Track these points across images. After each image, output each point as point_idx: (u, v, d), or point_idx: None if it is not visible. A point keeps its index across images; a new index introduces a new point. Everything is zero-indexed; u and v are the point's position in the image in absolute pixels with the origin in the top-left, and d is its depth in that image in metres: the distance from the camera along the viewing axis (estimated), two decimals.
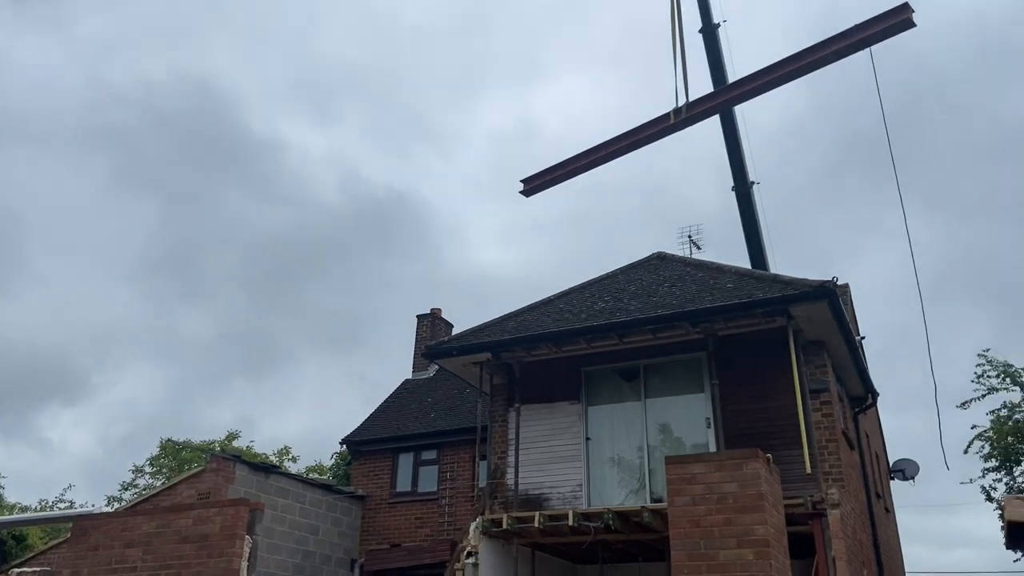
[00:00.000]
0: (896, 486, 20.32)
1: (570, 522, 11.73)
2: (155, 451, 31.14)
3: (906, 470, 19.25)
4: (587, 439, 13.26)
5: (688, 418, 12.76)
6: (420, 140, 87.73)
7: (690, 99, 17.71)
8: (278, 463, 32.60)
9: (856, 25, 14.67)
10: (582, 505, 12.63)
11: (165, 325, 64.69)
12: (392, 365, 67.26)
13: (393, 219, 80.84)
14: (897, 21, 14.12)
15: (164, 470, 30.12)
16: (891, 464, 19.58)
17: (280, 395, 60.34)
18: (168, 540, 8.77)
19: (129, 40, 78.23)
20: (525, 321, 13.76)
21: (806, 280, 11.61)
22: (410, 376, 21.33)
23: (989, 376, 15.70)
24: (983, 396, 15.76)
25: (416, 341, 21.68)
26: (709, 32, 19.42)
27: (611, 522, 11.58)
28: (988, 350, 16.17)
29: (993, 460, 15.68)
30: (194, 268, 71.39)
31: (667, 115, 17.34)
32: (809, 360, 12.10)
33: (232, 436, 32.53)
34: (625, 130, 18.02)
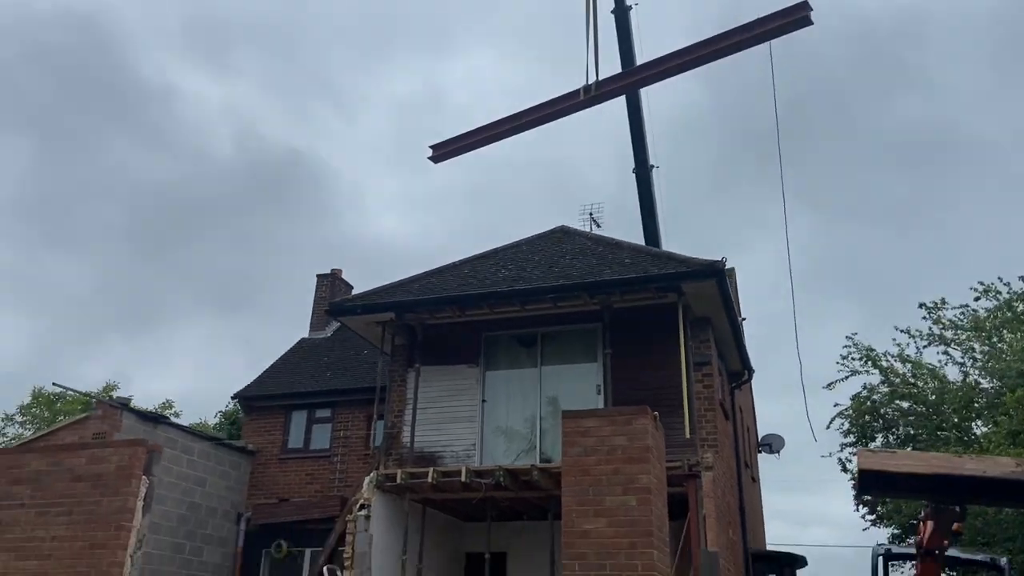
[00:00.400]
0: (763, 460, 21.87)
1: (463, 478, 12.18)
2: (26, 400, 29.75)
3: (773, 444, 20.74)
4: (483, 401, 13.71)
5: (580, 385, 13.38)
6: (322, 100, 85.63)
7: (600, 78, 18.45)
8: None
9: (757, 19, 15.46)
10: (474, 463, 13.10)
11: (33, 273, 61.00)
12: (283, 327, 65.76)
13: (290, 179, 78.79)
14: (796, 18, 15.01)
15: (36, 420, 28.77)
16: (760, 438, 21.04)
17: (160, 352, 58.24)
18: (60, 478, 8.66)
19: None
20: (429, 284, 14.04)
21: (697, 259, 12.39)
22: (307, 335, 21.21)
23: (853, 358, 17.12)
24: (847, 377, 17.21)
25: (315, 300, 21.55)
26: (621, 13, 20.00)
27: (502, 479, 12.10)
28: (855, 334, 17.61)
29: (851, 436, 17.17)
30: (69, 215, 67.46)
31: (577, 92, 17.86)
32: (695, 335, 12.92)
33: (110, 388, 31.33)
34: (536, 103, 18.63)
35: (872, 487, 5.95)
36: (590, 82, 17.77)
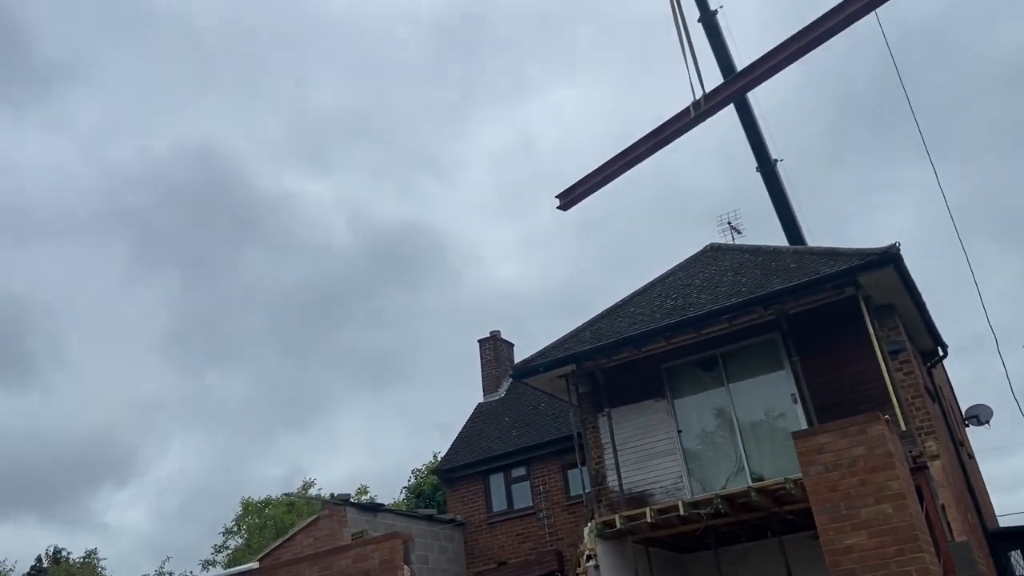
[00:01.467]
0: (972, 433, 20.68)
1: (681, 512, 12.30)
2: (237, 512, 32.11)
3: (980, 415, 19.60)
4: (679, 432, 13.85)
5: (773, 396, 13.32)
6: (422, 172, 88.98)
7: (706, 90, 18.46)
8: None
9: None
10: (685, 495, 13.19)
11: (200, 392, 65.98)
12: (438, 392, 67.88)
13: (409, 252, 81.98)
14: None
15: (251, 529, 30.99)
16: (964, 411, 19.95)
17: (327, 441, 61.30)
18: None
19: (127, 123, 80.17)
20: (600, 329, 14.41)
21: (868, 249, 12.17)
22: (482, 399, 21.99)
23: None
24: None
25: (482, 364, 22.38)
26: (708, 20, 19.99)
27: (720, 507, 12.16)
28: None
29: None
30: (219, 331, 72.68)
31: (687, 109, 17.91)
32: (882, 323, 12.62)
33: (307, 485, 33.44)
34: (648, 132, 18.85)
35: None
36: (697, 97, 17.94)
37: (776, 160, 20.49)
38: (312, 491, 33.50)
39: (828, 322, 12.87)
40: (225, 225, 78.24)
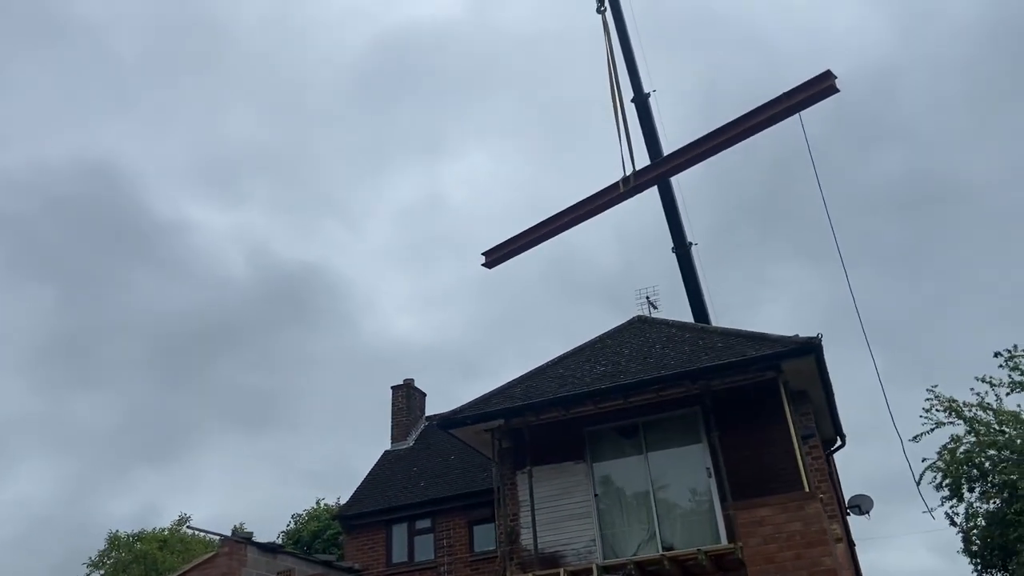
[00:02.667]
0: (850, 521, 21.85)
1: (594, 575, 12.52)
2: (100, 547, 30.11)
3: (862, 504, 20.78)
4: (595, 495, 14.11)
5: (688, 468, 13.82)
6: (329, 216, 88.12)
7: (636, 168, 19.35)
8: None
9: (784, 93, 16.10)
10: (597, 559, 13.40)
11: (62, 416, 61.90)
12: (321, 438, 65.85)
13: (306, 294, 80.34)
14: (822, 87, 15.66)
15: (117, 565, 28.97)
16: (848, 500, 21.10)
17: (190, 478, 58.36)
18: None
19: (22, 129, 76.24)
20: (530, 387, 14.65)
21: (793, 337, 13.00)
22: (389, 447, 21.68)
23: (936, 410, 17.47)
24: (932, 430, 17.51)
25: (393, 412, 22.13)
26: (641, 101, 21.11)
27: (632, 572, 12.44)
28: (936, 386, 17.99)
29: (946, 489, 17.35)
30: (94, 354, 68.59)
31: (616, 184, 18.80)
32: (796, 409, 13.38)
33: (183, 520, 31.70)
34: (577, 201, 19.54)
35: None
36: (627, 174, 18.81)
37: (691, 243, 21.56)
38: (185, 527, 31.76)
39: (747, 402, 13.53)
40: (113, 244, 74.69)
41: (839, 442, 16.29)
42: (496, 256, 19.67)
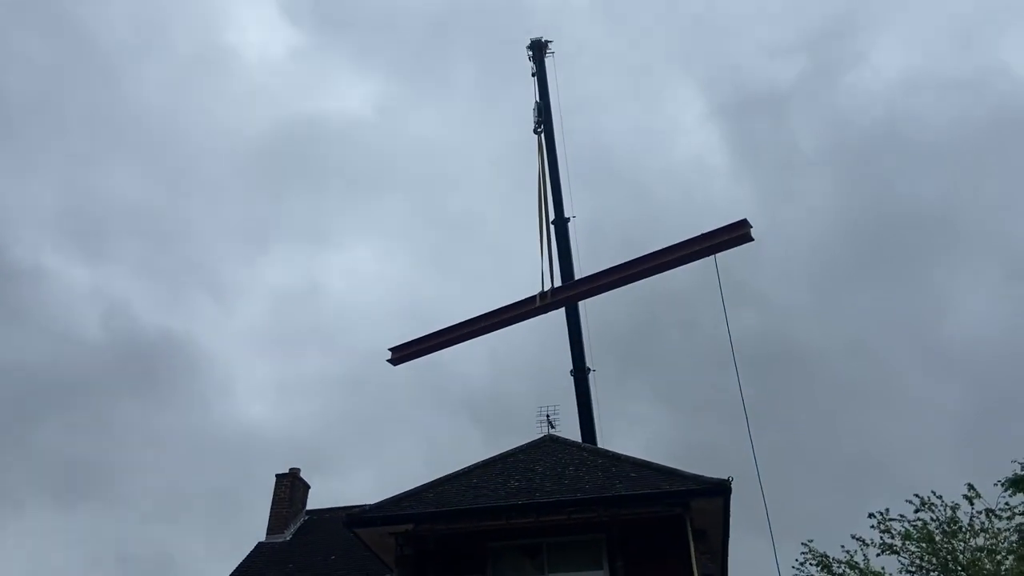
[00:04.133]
0: None
1: None
2: None
3: None
4: None
5: None
6: (200, 288, 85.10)
7: (555, 286, 20.14)
8: None
9: (701, 235, 17.05)
10: None
11: None
12: (146, 518, 60.68)
13: (160, 365, 75.59)
14: (737, 235, 16.60)
15: None
16: None
17: None
18: None
19: None
20: (442, 493, 14.51)
21: (705, 477, 13.60)
22: (263, 539, 20.53)
23: (810, 563, 18.38)
24: None
25: (274, 501, 21.11)
26: (560, 224, 22.21)
27: None
28: (812, 540, 18.96)
29: None
30: None
31: (533, 298, 19.36)
32: (697, 547, 13.85)
33: None
34: (492, 309, 20.03)
35: None
36: (545, 289, 19.54)
37: (590, 369, 22.32)
38: None
39: (650, 536, 13.87)
40: None
41: None
42: (403, 354, 19.63)
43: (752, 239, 16.78)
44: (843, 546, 18.33)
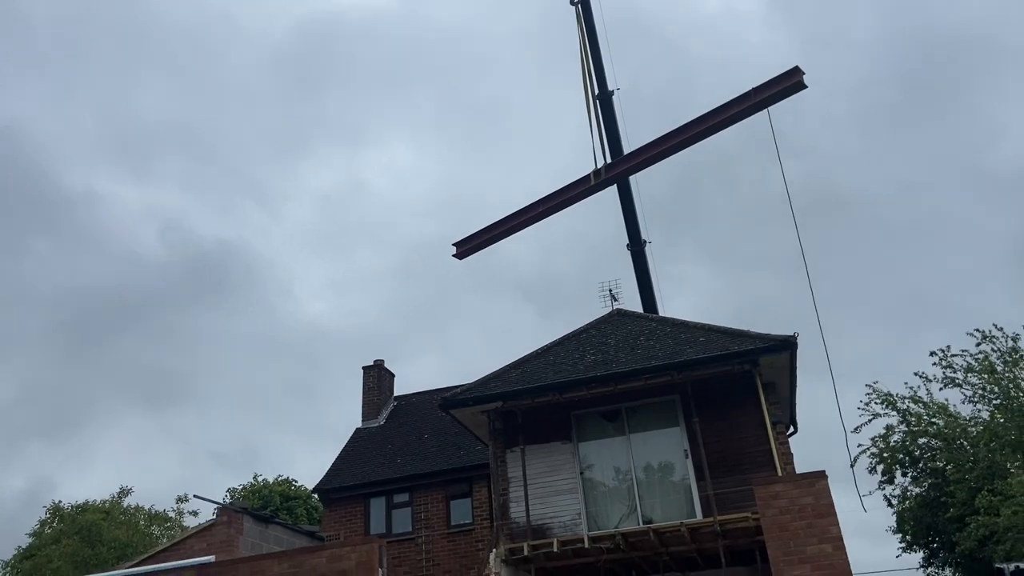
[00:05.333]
0: None
1: (585, 545, 13.74)
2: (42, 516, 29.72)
3: None
4: (581, 473, 15.27)
5: (667, 450, 15.12)
6: (245, 196, 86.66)
7: (607, 162, 20.41)
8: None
9: (753, 88, 17.03)
10: (581, 531, 14.58)
11: None
12: (230, 418, 64.87)
13: (219, 274, 79.00)
14: (791, 83, 16.55)
15: (54, 534, 28.61)
16: None
17: (85, 454, 56.93)
18: None
19: None
20: (525, 372, 15.66)
21: (771, 335, 14.40)
22: (360, 425, 22.32)
23: (875, 403, 19.35)
24: (869, 420, 19.41)
25: (364, 391, 22.77)
26: (604, 98, 22.05)
27: (620, 543, 13.70)
28: (877, 382, 19.86)
29: (879, 474, 19.31)
30: None
31: (587, 177, 19.88)
32: (767, 398, 14.83)
33: (124, 492, 31.44)
34: (548, 193, 20.51)
35: None
36: (599, 166, 19.90)
37: (646, 241, 22.79)
38: (130, 499, 31.56)
39: (722, 391, 14.88)
40: (13, 211, 71.47)
41: (792, 429, 17.93)
42: (468, 247, 20.52)
43: (805, 86, 16.65)
44: (906, 383, 19.22)
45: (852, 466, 19.44)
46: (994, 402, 17.05)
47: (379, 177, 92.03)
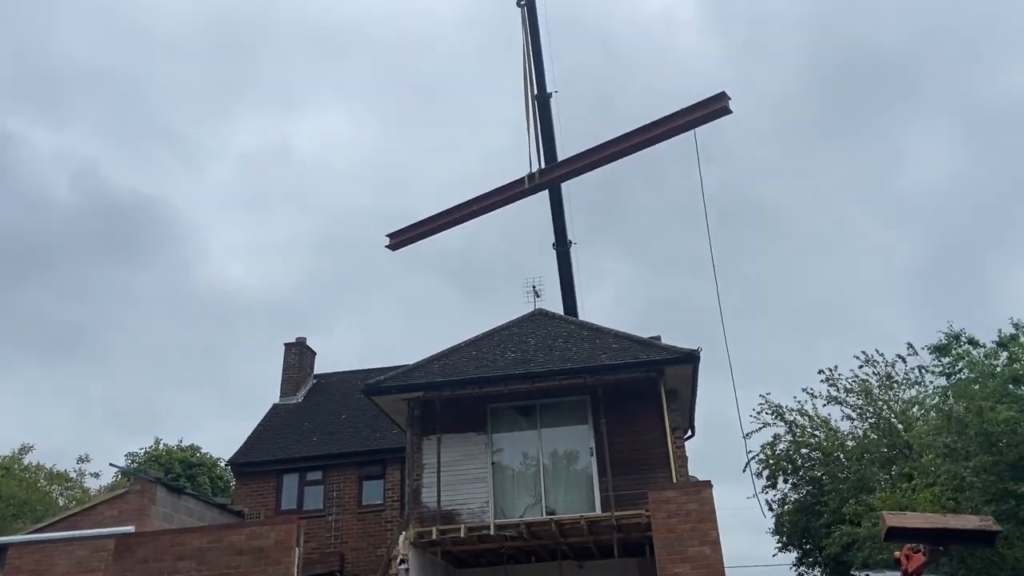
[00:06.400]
0: None
1: (491, 532, 14.64)
2: None
3: None
4: (492, 464, 16.15)
5: (574, 446, 16.17)
6: (166, 151, 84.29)
7: (541, 167, 21.22)
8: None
9: (681, 110, 18.01)
10: (488, 519, 15.48)
11: None
12: (129, 375, 63.42)
13: (133, 227, 76.85)
14: (716, 108, 17.50)
15: None
16: None
17: None
18: (222, 553, 10.44)
19: None
20: (447, 364, 16.40)
21: (677, 347, 15.56)
22: (278, 401, 22.63)
23: (766, 413, 20.99)
24: (759, 429, 21.02)
25: (284, 367, 23.06)
26: (543, 100, 22.70)
27: (523, 532, 14.67)
28: (769, 393, 21.47)
29: (765, 479, 20.95)
30: None
31: (522, 180, 20.60)
32: (669, 404, 16.01)
33: (25, 449, 30.78)
34: (483, 192, 21.18)
35: (895, 537, 9.08)
36: (533, 170, 20.69)
37: (572, 242, 23.74)
38: (31, 457, 30.91)
39: (629, 394, 15.95)
40: None
41: (691, 433, 19.27)
42: (401, 239, 20.91)
43: (730, 111, 17.67)
44: (795, 397, 20.87)
45: (745, 470, 21.02)
46: (869, 420, 18.81)
47: (309, 143, 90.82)
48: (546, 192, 23.14)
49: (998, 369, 13.57)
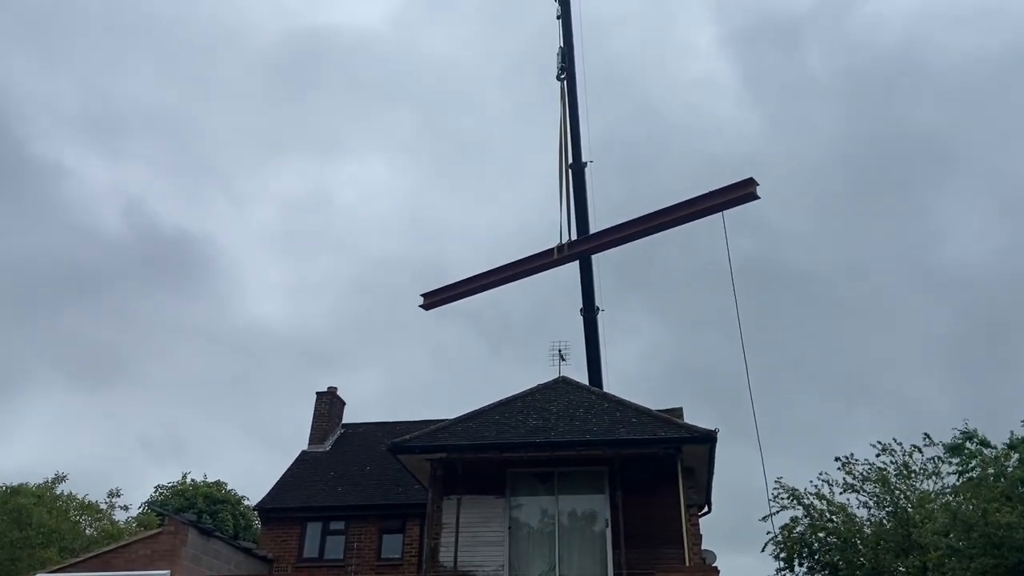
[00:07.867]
0: None
1: None
2: None
3: (707, 558, 24.35)
4: (509, 527, 16.60)
5: (590, 516, 16.58)
6: (215, 189, 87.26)
7: (572, 239, 21.88)
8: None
9: (708, 193, 18.50)
10: None
11: None
12: (161, 403, 64.70)
13: (176, 261, 79.31)
14: (744, 193, 17.92)
15: None
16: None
17: (13, 425, 56.46)
18: None
19: None
20: (470, 428, 17.02)
21: (695, 426, 16.03)
22: (307, 448, 23.33)
23: (781, 497, 21.16)
24: (776, 512, 21.18)
25: (315, 416, 23.81)
26: (578, 170, 23.21)
27: None
28: (781, 478, 21.65)
29: (781, 561, 21.03)
30: None
31: (551, 251, 21.35)
32: (685, 481, 16.43)
33: (59, 478, 31.70)
34: (513, 260, 21.86)
35: None
36: (563, 242, 21.35)
37: (599, 309, 24.21)
38: (64, 486, 31.81)
39: (647, 469, 16.38)
40: None
41: (707, 509, 19.54)
42: (434, 300, 21.79)
43: (758, 197, 18.17)
44: (811, 481, 21.04)
45: (763, 550, 21.19)
46: (886, 508, 18.93)
47: (347, 189, 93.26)
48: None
49: (1009, 470, 13.79)
